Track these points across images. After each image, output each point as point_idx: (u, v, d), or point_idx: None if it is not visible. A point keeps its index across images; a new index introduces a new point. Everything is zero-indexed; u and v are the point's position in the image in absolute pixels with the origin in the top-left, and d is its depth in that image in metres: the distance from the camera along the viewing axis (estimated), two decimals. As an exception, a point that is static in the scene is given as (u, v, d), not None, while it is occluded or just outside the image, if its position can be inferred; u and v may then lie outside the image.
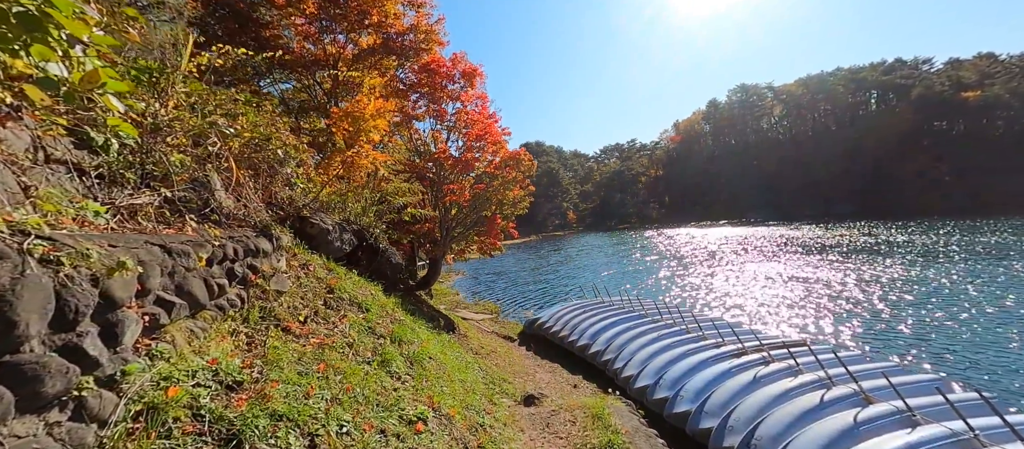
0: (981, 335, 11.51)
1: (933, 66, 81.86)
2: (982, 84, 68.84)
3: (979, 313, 13.23)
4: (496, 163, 11.04)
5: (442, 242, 11.53)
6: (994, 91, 65.43)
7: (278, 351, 3.02)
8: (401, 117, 11.50)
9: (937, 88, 72.03)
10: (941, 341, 11.46)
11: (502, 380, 8.53)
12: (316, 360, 3.28)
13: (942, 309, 14.06)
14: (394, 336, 4.83)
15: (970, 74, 72.27)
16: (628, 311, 12.14)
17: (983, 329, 11.93)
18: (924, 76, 79.07)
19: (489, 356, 10.31)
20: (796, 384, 6.28)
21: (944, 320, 12.96)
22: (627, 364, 8.90)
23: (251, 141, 4.63)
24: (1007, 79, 66.15)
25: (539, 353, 12.09)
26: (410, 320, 6.14)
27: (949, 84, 71.92)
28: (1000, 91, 64.69)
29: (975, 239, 28.38)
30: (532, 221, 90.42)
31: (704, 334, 9.17)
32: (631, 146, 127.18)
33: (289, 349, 3.16)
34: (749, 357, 7.62)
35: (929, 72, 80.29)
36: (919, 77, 79.05)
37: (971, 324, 12.37)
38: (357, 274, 5.87)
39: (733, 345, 8.37)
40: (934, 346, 11.15)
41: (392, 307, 5.69)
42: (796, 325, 13.65)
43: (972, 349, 10.71)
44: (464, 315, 17.53)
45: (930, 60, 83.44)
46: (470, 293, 25.84)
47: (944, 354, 10.60)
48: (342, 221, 6.21)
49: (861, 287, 18.14)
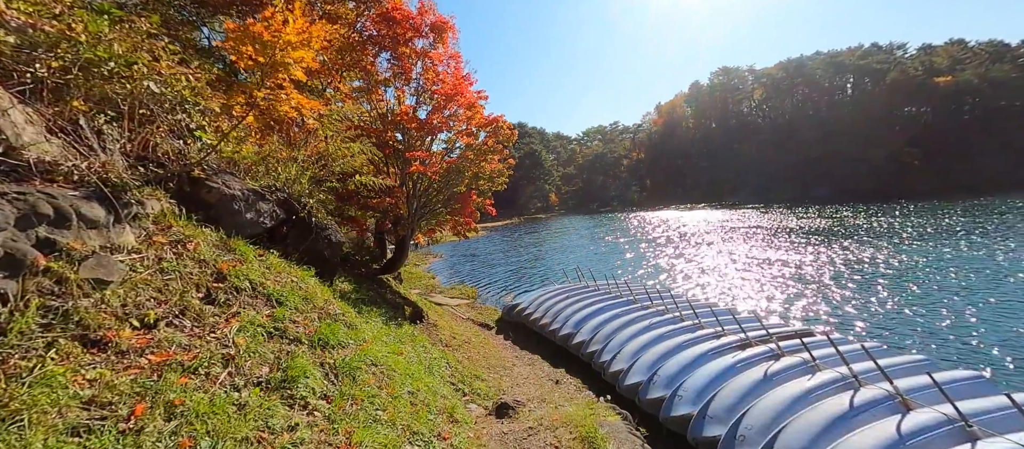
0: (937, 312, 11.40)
1: (907, 51, 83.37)
2: (953, 70, 70.43)
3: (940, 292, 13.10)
4: (470, 130, 9.65)
5: (409, 220, 10.18)
6: (965, 76, 66.98)
7: (32, 390, 1.72)
8: (364, 80, 9.93)
9: (911, 72, 73.38)
10: (916, 320, 11.11)
11: (473, 378, 7.41)
12: (138, 395, 2.00)
13: (910, 288, 13.92)
14: (316, 339, 3.57)
15: (942, 60, 73.85)
16: (615, 297, 11.16)
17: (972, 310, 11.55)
18: (899, 61, 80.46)
19: (461, 348, 9.16)
20: (816, 383, 5.36)
21: (918, 300, 12.65)
22: (615, 357, 7.90)
23: (95, 65, 3.19)
24: (977, 65, 67.74)
25: (518, 342, 11.03)
26: (352, 314, 4.88)
27: (922, 69, 73.34)
28: (970, 76, 66.26)
29: (937, 221, 28.97)
30: (514, 203, 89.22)
31: (701, 323, 8.24)
32: (614, 128, 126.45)
33: (71, 381, 1.86)
34: (755, 350, 6.70)
35: (903, 57, 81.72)
36: (894, 62, 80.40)
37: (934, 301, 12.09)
38: (278, 255, 4.54)
39: (735, 335, 7.45)
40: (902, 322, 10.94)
41: (324, 298, 4.41)
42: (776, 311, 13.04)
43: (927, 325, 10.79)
44: (438, 300, 16.33)
45: (904, 45, 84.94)
46: (448, 276, 24.61)
47: (915, 331, 10.38)
48: (265, 188, 4.83)
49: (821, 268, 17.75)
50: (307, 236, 4.99)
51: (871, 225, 30.35)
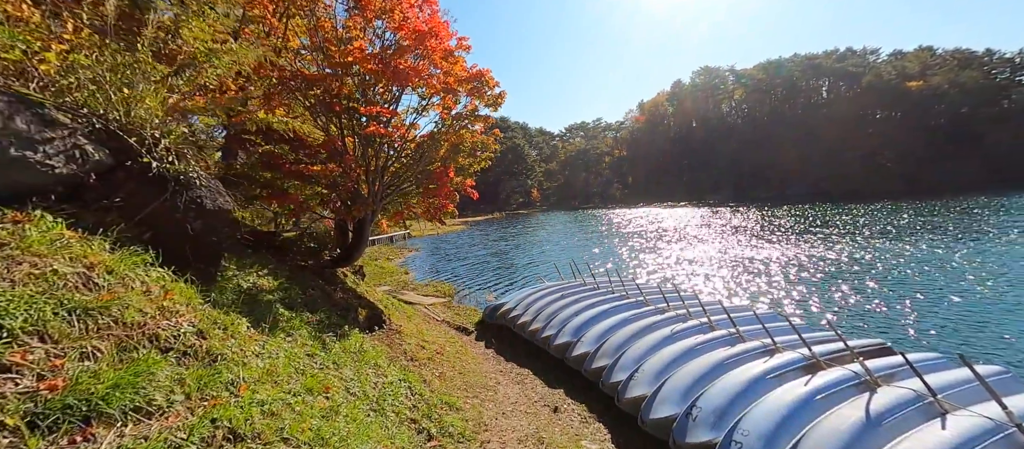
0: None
1: (879, 56, 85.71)
2: (924, 74, 72.51)
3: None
4: (448, 85, 7.56)
5: (370, 200, 8.04)
6: (935, 81, 68.94)
7: None
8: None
9: (885, 76, 75.19)
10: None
11: (444, 408, 5.42)
12: None
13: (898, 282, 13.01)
14: (79, 395, 1.50)
15: (913, 65, 76.01)
16: (620, 297, 9.33)
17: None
18: (873, 65, 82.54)
19: (431, 362, 7.13)
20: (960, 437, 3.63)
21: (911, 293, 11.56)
22: (633, 377, 6.04)
23: None
24: (946, 71, 69.83)
25: (503, 352, 9.08)
26: (241, 328, 2.82)
27: (895, 73, 75.27)
28: (941, 81, 68.21)
29: (906, 221, 29.54)
30: (495, 198, 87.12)
31: (740, 333, 6.47)
32: (597, 125, 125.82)
33: None
34: (836, 372, 4.97)
35: (877, 61, 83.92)
36: (869, 66, 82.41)
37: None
38: (71, 226, 2.42)
39: (789, 351, 5.70)
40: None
41: (158, 307, 2.33)
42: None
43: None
44: (410, 299, 14.18)
45: (877, 50, 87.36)
46: (423, 272, 22.36)
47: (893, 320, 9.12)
48: (66, 108, 2.70)
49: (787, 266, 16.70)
50: (152, 197, 2.87)
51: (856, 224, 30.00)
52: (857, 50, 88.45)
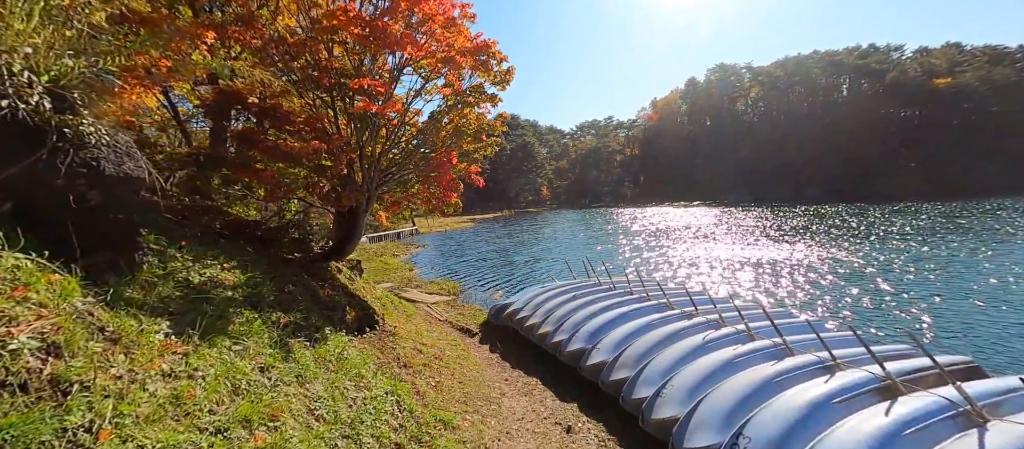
0: None
1: (904, 53, 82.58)
2: (952, 72, 69.52)
3: None
4: (450, 57, 6.68)
5: (364, 186, 7.24)
6: (965, 79, 66.04)
7: None
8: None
9: (911, 74, 72.38)
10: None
11: (438, 426, 4.58)
12: None
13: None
14: None
15: (940, 62, 73.00)
16: (640, 299, 8.38)
17: None
18: (898, 62, 79.58)
19: (427, 369, 6.31)
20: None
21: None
22: (662, 392, 5.13)
23: None
24: (976, 67, 66.84)
25: (508, 357, 8.22)
26: (151, 334, 2.03)
27: (921, 71, 72.36)
28: (970, 79, 65.31)
29: (932, 223, 27.95)
30: (504, 196, 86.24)
31: (787, 344, 5.49)
32: (608, 123, 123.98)
33: None
34: (922, 400, 4.00)
35: (901, 58, 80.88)
36: (893, 63, 79.47)
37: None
38: None
39: (853, 368, 4.72)
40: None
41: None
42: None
43: None
44: (412, 296, 13.43)
45: (901, 47, 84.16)
46: (429, 268, 21.59)
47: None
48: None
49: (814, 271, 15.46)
50: (16, 155, 2.06)
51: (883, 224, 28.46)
52: (880, 47, 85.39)
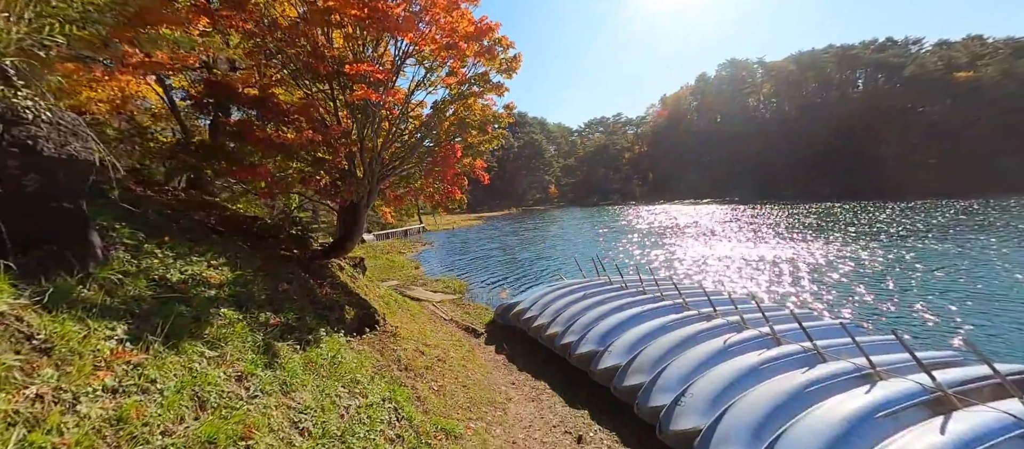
0: None
1: (923, 47, 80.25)
2: (973, 65, 67.35)
3: None
4: (453, 43, 6.32)
5: (365, 180, 6.93)
6: (987, 72, 63.94)
7: None
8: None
9: (930, 67, 70.30)
10: None
11: (439, 435, 4.24)
12: None
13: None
14: None
15: (961, 55, 70.78)
16: (654, 298, 7.96)
17: None
18: (917, 55, 77.36)
19: (428, 371, 5.98)
20: None
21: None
22: (681, 400, 4.73)
23: None
24: (999, 60, 64.62)
25: (516, 359, 7.87)
26: (88, 338, 1.71)
27: (941, 64, 70.23)
28: (993, 72, 63.20)
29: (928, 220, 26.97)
30: (511, 194, 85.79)
31: (819, 349, 5.04)
32: (616, 120, 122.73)
33: None
34: (981, 415, 3.55)
35: (921, 52, 78.61)
36: (912, 57, 77.27)
37: None
38: None
39: (896, 377, 4.28)
40: None
41: None
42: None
43: None
44: (417, 294, 13.13)
45: (920, 40, 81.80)
46: (435, 266, 21.32)
47: None
48: None
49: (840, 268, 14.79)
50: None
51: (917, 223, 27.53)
52: (898, 40, 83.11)
